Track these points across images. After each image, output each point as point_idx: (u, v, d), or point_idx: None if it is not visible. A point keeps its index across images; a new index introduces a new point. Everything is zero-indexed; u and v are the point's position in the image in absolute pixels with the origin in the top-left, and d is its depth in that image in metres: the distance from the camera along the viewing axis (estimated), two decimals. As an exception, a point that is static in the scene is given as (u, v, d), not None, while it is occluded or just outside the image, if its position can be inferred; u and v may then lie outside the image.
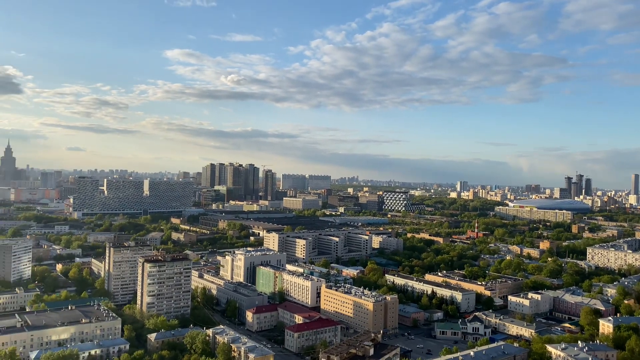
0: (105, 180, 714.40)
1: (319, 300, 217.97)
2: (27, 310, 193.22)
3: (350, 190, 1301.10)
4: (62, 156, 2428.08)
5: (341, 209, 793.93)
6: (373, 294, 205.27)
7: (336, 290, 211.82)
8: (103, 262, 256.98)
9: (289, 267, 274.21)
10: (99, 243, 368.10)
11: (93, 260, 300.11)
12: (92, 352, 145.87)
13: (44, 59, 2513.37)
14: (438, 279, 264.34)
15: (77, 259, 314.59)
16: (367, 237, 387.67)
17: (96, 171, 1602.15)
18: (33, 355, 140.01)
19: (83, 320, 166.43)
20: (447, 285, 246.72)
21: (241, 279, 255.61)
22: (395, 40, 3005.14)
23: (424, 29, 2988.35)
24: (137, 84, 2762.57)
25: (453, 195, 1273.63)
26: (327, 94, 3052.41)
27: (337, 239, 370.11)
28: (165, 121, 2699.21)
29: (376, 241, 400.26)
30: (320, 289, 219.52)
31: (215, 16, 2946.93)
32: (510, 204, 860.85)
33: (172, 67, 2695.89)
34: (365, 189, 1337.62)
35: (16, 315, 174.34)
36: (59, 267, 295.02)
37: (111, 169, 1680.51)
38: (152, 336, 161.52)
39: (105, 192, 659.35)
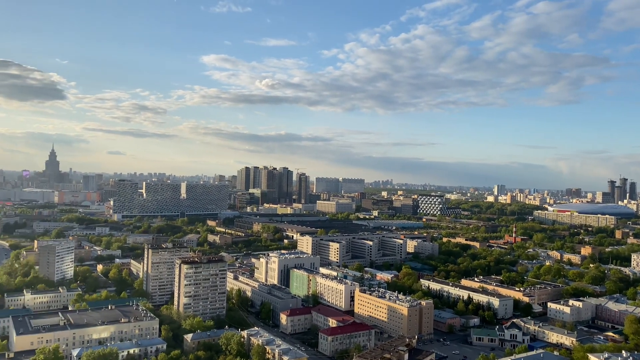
0: (144, 183, 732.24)
1: (353, 304, 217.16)
2: (69, 309, 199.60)
3: (384, 193, 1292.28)
4: (103, 160, 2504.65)
5: (375, 213, 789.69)
6: (408, 298, 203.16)
7: (370, 294, 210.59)
8: (142, 263, 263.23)
9: (322, 270, 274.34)
10: (138, 244, 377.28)
11: (132, 261, 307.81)
12: (131, 351, 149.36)
13: (86, 65, 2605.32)
14: (474, 284, 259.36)
15: (117, 260, 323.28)
16: (401, 241, 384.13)
17: (135, 174, 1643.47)
18: (75, 352, 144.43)
19: (122, 320, 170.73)
20: (484, 291, 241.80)
21: (275, 282, 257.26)
22: (430, 42, 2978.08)
23: (459, 31, 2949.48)
24: (174, 89, 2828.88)
25: (490, 199, 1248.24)
26: (361, 97, 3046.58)
27: (370, 243, 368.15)
28: (201, 125, 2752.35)
29: (411, 245, 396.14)
30: (354, 292, 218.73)
31: (250, 21, 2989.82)
32: (550, 208, 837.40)
33: (208, 73, 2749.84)
34: (400, 192, 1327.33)
35: (59, 313, 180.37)
36: (99, 267, 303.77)
37: (150, 172, 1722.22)
38: (188, 337, 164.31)
39: (144, 195, 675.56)
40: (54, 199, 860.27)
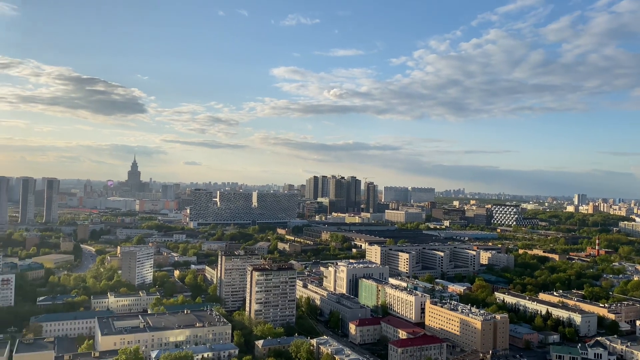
0: (218, 192, 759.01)
1: (424, 316, 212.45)
2: (148, 312, 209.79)
3: (455, 203, 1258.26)
4: (180, 170, 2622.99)
5: (446, 223, 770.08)
6: (481, 312, 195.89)
7: (442, 306, 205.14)
8: (215, 269, 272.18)
9: (391, 280, 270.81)
10: (212, 251, 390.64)
11: (207, 267, 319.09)
12: (205, 355, 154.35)
13: (165, 80, 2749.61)
14: (553, 298, 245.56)
15: (193, 266, 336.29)
16: (474, 253, 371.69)
17: (210, 184, 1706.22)
18: (154, 354, 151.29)
19: (197, 324, 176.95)
20: (564, 306, 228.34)
21: (344, 291, 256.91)
22: (503, 47, 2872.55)
23: (534, 33, 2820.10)
24: (246, 102, 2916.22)
25: (570, 209, 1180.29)
26: (431, 105, 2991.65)
27: (442, 254, 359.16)
28: (271, 136, 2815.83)
29: (484, 257, 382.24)
30: (424, 304, 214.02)
31: (319, 33, 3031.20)
32: (638, 219, 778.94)
33: (278, 84, 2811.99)
34: (472, 201, 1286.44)
35: (139, 316, 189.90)
36: (176, 273, 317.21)
37: (223, 182, 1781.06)
38: (259, 343, 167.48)
39: (218, 203, 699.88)
40: (136, 207, 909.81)
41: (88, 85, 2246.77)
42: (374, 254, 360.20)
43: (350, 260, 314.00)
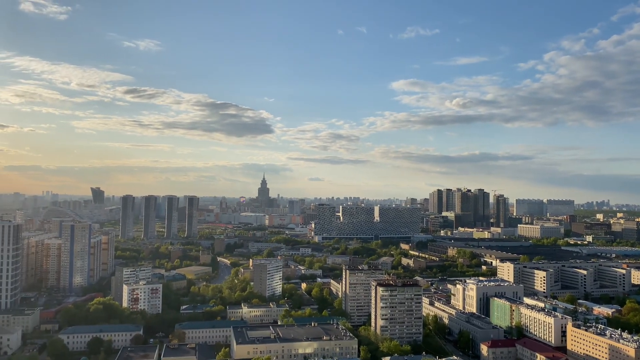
0: (340, 207, 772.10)
1: (565, 340, 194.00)
2: (278, 323, 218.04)
3: (599, 216, 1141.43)
4: (305, 186, 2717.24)
5: (589, 238, 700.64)
6: (634, 338, 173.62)
7: (586, 330, 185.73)
8: (340, 283, 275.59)
9: (526, 300, 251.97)
10: (337, 265, 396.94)
11: (332, 281, 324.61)
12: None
13: (289, 101, 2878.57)
14: None
15: (318, 279, 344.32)
16: (624, 271, 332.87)
17: (333, 199, 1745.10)
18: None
19: (324, 337, 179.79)
20: None
21: (473, 310, 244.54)
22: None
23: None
24: (366, 117, 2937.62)
25: None
26: (565, 110, 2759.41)
27: (584, 272, 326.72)
28: (392, 150, 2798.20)
29: (636, 276, 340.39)
30: (565, 327, 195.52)
31: (439, 43, 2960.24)
32: None
33: (397, 98, 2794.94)
34: (620, 214, 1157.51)
35: (270, 327, 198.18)
36: (303, 285, 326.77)
37: (345, 197, 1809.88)
38: (386, 359, 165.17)
39: (341, 218, 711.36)
40: (265, 222, 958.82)
41: (221, 109, 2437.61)
42: (506, 271, 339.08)
43: (480, 278, 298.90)
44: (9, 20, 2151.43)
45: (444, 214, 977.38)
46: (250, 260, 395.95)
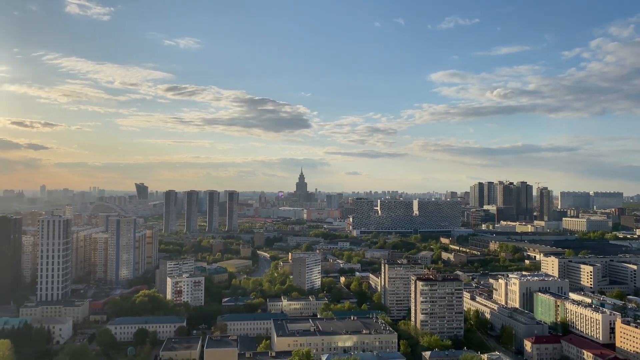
0: (378, 201, 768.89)
1: (613, 337, 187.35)
2: (318, 316, 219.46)
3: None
4: (342, 180, 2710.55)
5: (639, 232, 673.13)
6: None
7: (636, 327, 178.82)
8: (379, 277, 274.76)
9: (572, 295, 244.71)
10: (375, 259, 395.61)
11: (370, 275, 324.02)
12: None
13: (326, 96, 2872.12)
14: None
15: (357, 273, 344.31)
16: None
17: (370, 193, 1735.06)
18: (324, 358, 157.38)
19: (364, 331, 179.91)
20: None
21: (516, 305, 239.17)
22: None
23: None
24: (404, 110, 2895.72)
25: None
26: (613, 98, 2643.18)
27: (634, 267, 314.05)
28: (431, 142, 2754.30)
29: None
30: (614, 323, 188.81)
31: (479, 32, 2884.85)
32: None
33: (436, 89, 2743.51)
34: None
35: (310, 320, 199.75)
36: (342, 279, 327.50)
37: (383, 191, 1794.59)
38: (426, 354, 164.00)
39: (379, 212, 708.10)
40: (303, 216, 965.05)
41: (259, 105, 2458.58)
42: (550, 266, 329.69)
43: (523, 273, 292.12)
44: (57, 23, 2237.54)
45: (486, 207, 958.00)
46: (289, 253, 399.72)
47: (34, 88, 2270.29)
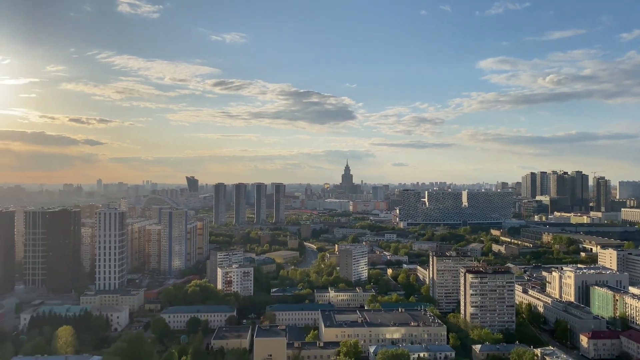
0: (426, 192, 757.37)
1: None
2: (365, 308, 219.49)
3: None
4: (388, 171, 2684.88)
5: None
6: None
7: None
8: (427, 269, 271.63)
9: (632, 289, 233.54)
10: (423, 251, 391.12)
11: (418, 267, 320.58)
12: (421, 354, 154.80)
13: (371, 87, 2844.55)
14: None
15: (404, 265, 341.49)
16: None
17: (417, 184, 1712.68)
18: (372, 349, 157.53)
19: (412, 323, 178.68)
20: None
21: (571, 299, 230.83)
22: None
23: None
24: (451, 99, 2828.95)
25: None
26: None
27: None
28: (480, 132, 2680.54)
29: None
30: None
31: (530, 17, 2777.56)
32: None
33: (485, 77, 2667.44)
34: None
35: (357, 311, 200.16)
36: (389, 271, 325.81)
37: (431, 182, 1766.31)
38: (477, 347, 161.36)
39: (427, 203, 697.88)
40: (349, 208, 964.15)
41: (304, 98, 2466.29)
42: (608, 258, 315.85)
43: (579, 265, 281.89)
44: (110, 22, 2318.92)
45: (538, 198, 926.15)
46: (336, 245, 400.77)
47: (89, 86, 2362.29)
